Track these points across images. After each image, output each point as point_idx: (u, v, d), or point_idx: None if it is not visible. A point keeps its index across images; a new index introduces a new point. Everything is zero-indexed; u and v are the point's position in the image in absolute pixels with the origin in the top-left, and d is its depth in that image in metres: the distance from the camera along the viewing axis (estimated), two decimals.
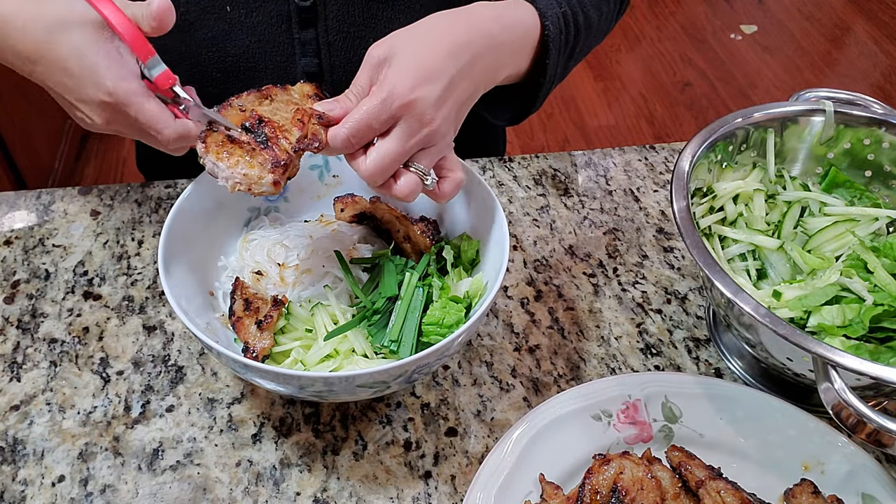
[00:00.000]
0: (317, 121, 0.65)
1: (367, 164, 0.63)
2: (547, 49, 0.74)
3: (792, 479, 0.67)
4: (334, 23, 0.85)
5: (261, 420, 0.73)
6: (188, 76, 0.90)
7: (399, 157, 0.64)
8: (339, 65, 0.88)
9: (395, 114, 0.62)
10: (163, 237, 0.69)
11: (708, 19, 3.32)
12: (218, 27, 0.85)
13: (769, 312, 0.61)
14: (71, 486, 0.68)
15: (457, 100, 0.65)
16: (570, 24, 0.77)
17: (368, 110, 0.62)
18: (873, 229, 0.78)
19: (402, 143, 0.63)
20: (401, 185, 0.65)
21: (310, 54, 0.87)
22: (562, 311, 0.84)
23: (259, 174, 0.63)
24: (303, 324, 0.73)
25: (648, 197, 0.99)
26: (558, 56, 0.75)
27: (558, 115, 2.80)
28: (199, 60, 0.88)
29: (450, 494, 0.68)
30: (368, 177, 0.64)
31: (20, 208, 0.93)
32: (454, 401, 0.75)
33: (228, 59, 0.87)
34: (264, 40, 0.86)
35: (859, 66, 3.07)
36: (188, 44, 0.86)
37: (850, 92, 0.83)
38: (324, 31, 0.86)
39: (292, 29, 0.86)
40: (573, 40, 0.78)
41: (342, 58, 0.88)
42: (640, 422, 0.71)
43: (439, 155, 0.67)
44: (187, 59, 0.87)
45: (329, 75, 0.89)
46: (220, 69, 0.88)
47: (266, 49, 0.87)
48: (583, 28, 0.80)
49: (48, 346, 0.78)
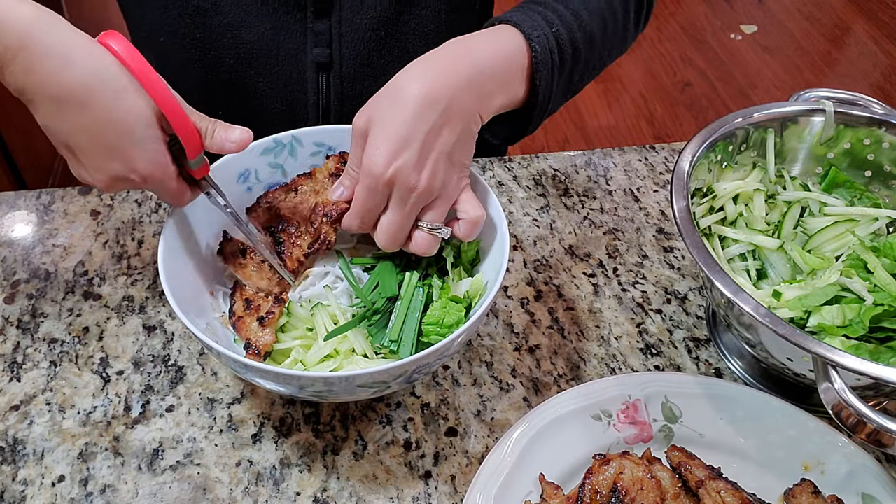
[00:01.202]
0: (327, 221, 0.72)
1: (379, 237, 0.69)
2: (537, 71, 0.72)
3: (792, 479, 0.67)
4: (348, 13, 0.86)
5: (261, 420, 0.73)
6: (202, 62, 0.90)
7: (403, 224, 0.68)
8: (348, 56, 0.89)
9: (384, 191, 0.66)
10: (163, 237, 0.69)
11: (708, 19, 3.32)
12: (234, 14, 0.86)
13: (769, 312, 0.61)
14: (71, 486, 0.68)
15: (440, 151, 0.65)
16: (565, 44, 0.74)
17: (362, 197, 0.67)
18: (873, 229, 0.78)
19: (400, 212, 0.67)
20: (415, 244, 0.69)
21: (322, 44, 0.88)
22: (562, 311, 0.84)
23: (268, 287, 0.74)
24: (303, 323, 0.73)
25: (648, 197, 0.99)
26: (550, 77, 0.73)
27: (558, 115, 2.80)
28: (213, 46, 0.88)
29: (450, 494, 0.68)
30: (385, 247, 0.69)
31: (20, 208, 0.93)
32: (454, 401, 0.75)
33: (243, 45, 0.88)
34: (278, 28, 0.87)
35: (859, 66, 3.07)
36: (202, 30, 0.87)
37: (850, 92, 0.83)
38: (337, 21, 0.87)
39: (307, 18, 0.86)
40: (571, 60, 0.76)
41: (353, 50, 0.89)
42: (640, 422, 0.71)
43: (446, 205, 0.69)
44: (202, 44, 0.88)
45: (338, 66, 0.90)
46: (233, 55, 0.89)
47: (280, 37, 0.88)
48: (582, 46, 0.77)
49: (48, 346, 0.78)
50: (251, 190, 0.81)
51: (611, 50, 0.84)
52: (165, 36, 0.89)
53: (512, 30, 0.72)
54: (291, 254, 0.74)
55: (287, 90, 0.93)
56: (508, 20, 0.72)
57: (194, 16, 0.87)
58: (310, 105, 0.94)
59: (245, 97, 0.93)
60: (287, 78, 0.92)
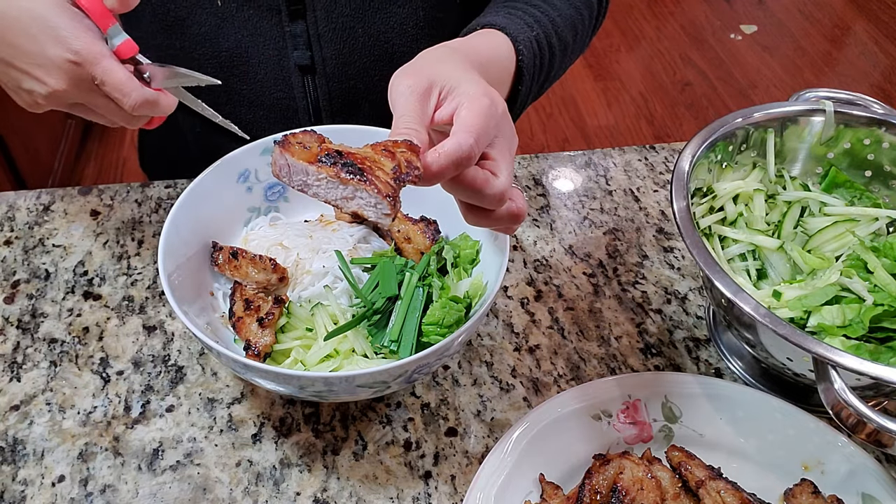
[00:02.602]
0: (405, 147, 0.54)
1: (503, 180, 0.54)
2: (521, 76, 0.72)
3: (792, 479, 0.67)
4: (323, 14, 0.86)
5: (261, 420, 0.73)
6: None
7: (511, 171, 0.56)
8: (330, 57, 0.89)
9: (501, 120, 0.56)
10: (163, 237, 0.69)
11: (708, 19, 3.32)
12: (209, 22, 0.86)
13: (769, 312, 0.61)
14: (71, 486, 0.68)
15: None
16: (545, 48, 0.76)
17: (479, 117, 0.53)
18: (873, 229, 0.78)
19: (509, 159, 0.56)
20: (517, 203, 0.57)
21: (301, 47, 0.88)
22: (562, 311, 0.84)
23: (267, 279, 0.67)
24: (303, 323, 0.73)
25: (648, 197, 0.99)
26: (531, 82, 0.75)
27: (558, 115, 2.80)
28: (192, 57, 0.88)
29: (450, 494, 0.68)
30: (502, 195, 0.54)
31: (20, 208, 0.93)
32: (454, 401, 0.75)
33: (222, 53, 0.88)
34: (256, 34, 0.87)
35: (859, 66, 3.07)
36: (181, 40, 0.87)
37: (850, 92, 0.83)
38: (313, 22, 0.86)
39: (283, 21, 0.86)
40: (548, 64, 0.77)
41: (333, 49, 0.89)
42: (640, 422, 0.71)
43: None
44: (180, 56, 0.88)
45: (321, 68, 0.90)
46: (213, 65, 0.89)
47: (258, 42, 0.87)
48: (557, 51, 0.79)
49: (48, 346, 0.78)
50: (251, 190, 0.81)
51: (574, 55, 0.86)
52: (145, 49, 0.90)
53: (500, 35, 0.72)
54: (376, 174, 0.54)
55: (272, 95, 0.92)
56: (495, 25, 0.73)
57: (172, 27, 0.87)
58: (300, 108, 0.94)
59: (231, 105, 0.93)
60: (271, 83, 0.91)
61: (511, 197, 0.56)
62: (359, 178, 0.53)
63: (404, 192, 0.83)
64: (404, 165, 0.53)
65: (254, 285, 0.74)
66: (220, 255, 0.75)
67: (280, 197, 0.84)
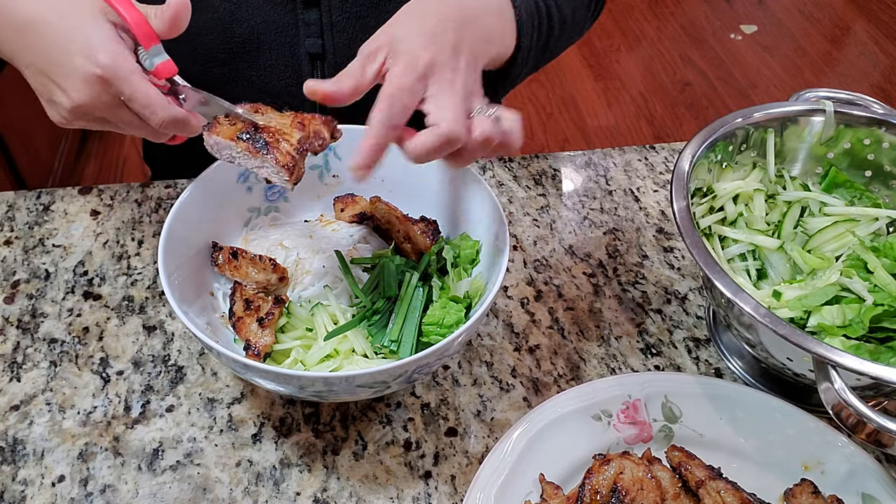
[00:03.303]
0: (318, 121, 0.64)
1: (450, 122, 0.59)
2: (520, 33, 0.74)
3: (792, 479, 0.67)
4: (338, 3, 0.87)
5: (261, 420, 0.73)
6: (193, 58, 0.90)
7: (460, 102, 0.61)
8: (341, 45, 0.90)
9: (424, 73, 0.60)
10: (163, 237, 0.69)
11: (708, 19, 3.32)
12: (223, 7, 0.86)
13: (769, 312, 0.61)
14: (71, 486, 0.68)
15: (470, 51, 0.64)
16: (544, 15, 0.79)
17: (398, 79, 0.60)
18: (873, 229, 0.78)
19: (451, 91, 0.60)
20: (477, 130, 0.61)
21: (313, 35, 0.88)
22: (562, 311, 0.84)
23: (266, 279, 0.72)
24: (303, 323, 0.73)
25: (648, 197, 0.99)
26: (530, 42, 0.76)
27: (558, 115, 2.80)
28: (204, 42, 0.89)
29: (450, 494, 0.68)
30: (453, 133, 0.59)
31: (20, 208, 0.93)
32: (454, 401, 0.75)
33: (234, 39, 0.88)
34: (269, 20, 0.87)
35: (859, 66, 3.07)
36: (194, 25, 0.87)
37: (850, 92, 0.83)
38: (327, 11, 0.87)
39: (297, 9, 0.87)
40: (546, 31, 0.80)
41: (345, 38, 0.89)
42: (640, 422, 0.71)
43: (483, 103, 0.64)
44: (193, 40, 0.88)
45: (332, 56, 0.90)
46: (225, 50, 0.89)
47: (271, 29, 0.88)
48: (556, 23, 0.82)
49: (48, 346, 0.78)
50: (251, 190, 0.81)
51: (572, 36, 0.89)
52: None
53: None
54: (279, 147, 0.64)
55: (281, 82, 0.93)
56: None
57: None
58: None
59: (239, 90, 0.93)
60: (281, 69, 0.92)
61: (472, 127, 0.61)
62: (264, 152, 0.63)
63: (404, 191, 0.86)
64: (311, 136, 0.64)
65: (254, 285, 0.74)
66: (220, 255, 0.75)
67: (280, 197, 0.84)
